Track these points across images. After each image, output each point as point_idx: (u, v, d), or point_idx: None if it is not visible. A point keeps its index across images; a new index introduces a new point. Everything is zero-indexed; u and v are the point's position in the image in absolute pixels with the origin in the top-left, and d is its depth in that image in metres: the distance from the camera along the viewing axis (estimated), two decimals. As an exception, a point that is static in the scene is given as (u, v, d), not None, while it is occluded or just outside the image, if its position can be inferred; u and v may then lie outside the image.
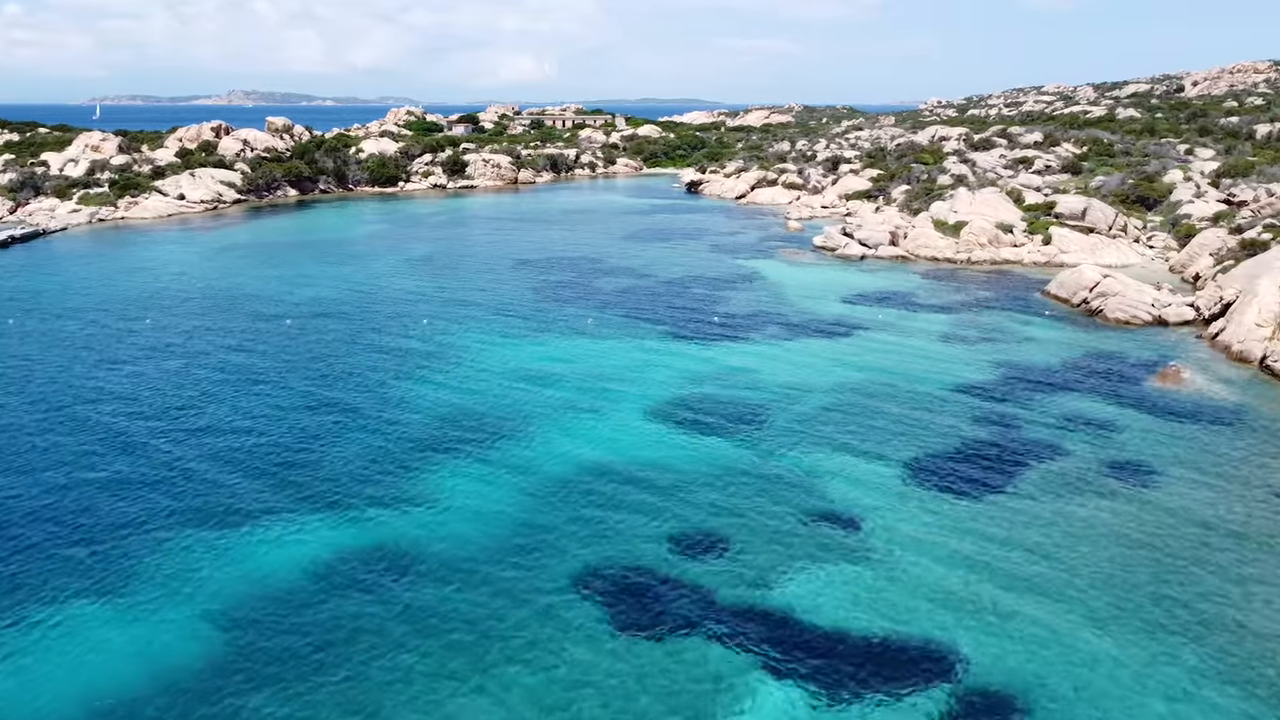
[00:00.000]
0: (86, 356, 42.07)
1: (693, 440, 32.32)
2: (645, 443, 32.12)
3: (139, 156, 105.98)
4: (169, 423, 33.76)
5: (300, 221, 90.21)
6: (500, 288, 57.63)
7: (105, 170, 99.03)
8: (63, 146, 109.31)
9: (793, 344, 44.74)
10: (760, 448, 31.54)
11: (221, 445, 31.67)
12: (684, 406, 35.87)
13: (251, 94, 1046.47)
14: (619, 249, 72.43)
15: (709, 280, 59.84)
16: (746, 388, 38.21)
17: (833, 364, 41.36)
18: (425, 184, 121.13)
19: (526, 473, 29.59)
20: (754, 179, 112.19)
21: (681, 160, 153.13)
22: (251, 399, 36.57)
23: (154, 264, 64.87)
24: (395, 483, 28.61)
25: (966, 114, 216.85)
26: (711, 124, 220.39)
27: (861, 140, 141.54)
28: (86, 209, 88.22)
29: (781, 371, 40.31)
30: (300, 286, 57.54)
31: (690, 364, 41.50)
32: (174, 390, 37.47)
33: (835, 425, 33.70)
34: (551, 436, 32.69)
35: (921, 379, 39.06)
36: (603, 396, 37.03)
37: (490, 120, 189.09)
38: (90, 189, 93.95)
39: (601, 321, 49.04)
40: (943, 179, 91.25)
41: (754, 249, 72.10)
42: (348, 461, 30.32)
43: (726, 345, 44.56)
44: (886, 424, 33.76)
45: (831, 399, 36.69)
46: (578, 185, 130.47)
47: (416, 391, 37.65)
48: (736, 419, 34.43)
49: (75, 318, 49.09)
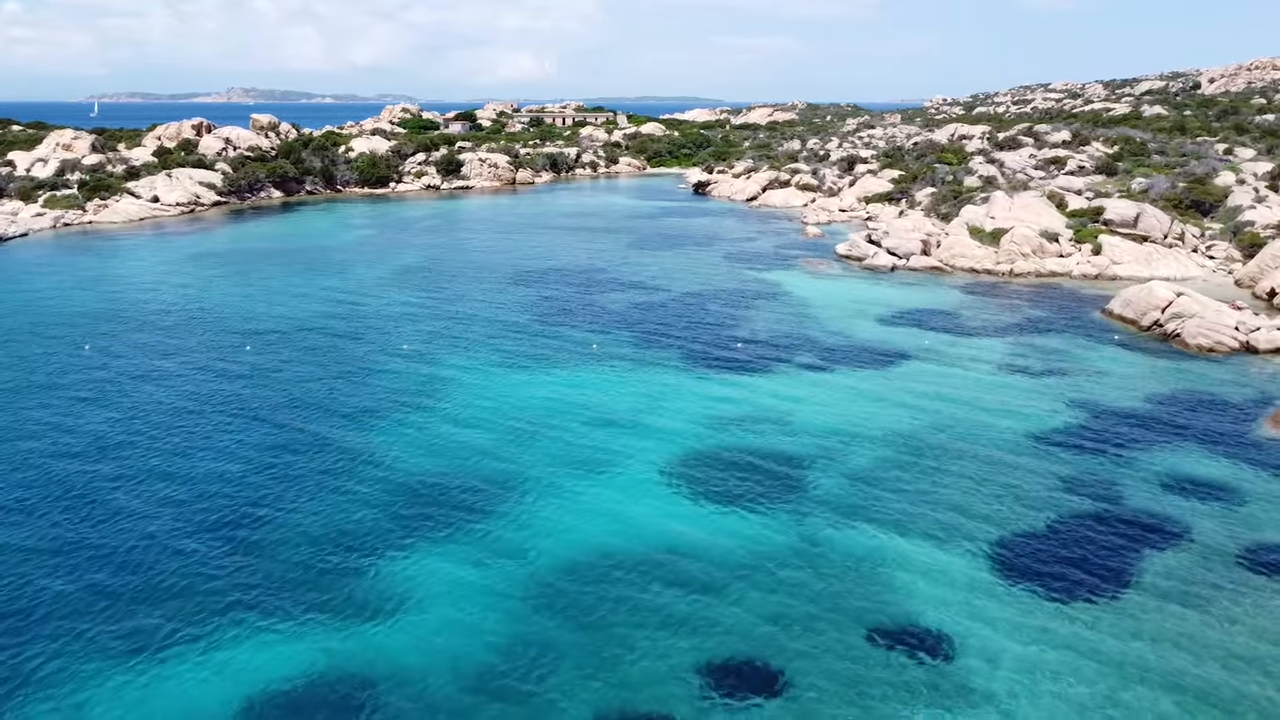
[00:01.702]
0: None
1: (720, 513, 26.23)
2: (663, 516, 26.01)
3: (113, 156, 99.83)
4: (71, 487, 27.66)
5: (280, 226, 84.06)
6: (493, 305, 51.50)
7: (76, 171, 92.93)
8: (33, 145, 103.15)
9: (828, 376, 38.62)
10: (806, 524, 25.45)
11: (135, 521, 25.56)
12: (707, 462, 29.78)
13: (251, 91, 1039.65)
14: (625, 258, 66.30)
15: (726, 295, 53.69)
16: (780, 434, 32.12)
17: (878, 403, 35.24)
18: (418, 185, 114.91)
19: (517, 560, 23.50)
20: (765, 180, 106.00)
21: (686, 159, 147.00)
22: (185, 452, 30.45)
23: (111, 276, 58.74)
24: (350, 580, 22.51)
25: (974, 111, 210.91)
26: (716, 121, 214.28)
27: (876, 139, 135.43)
28: (52, 212, 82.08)
29: (819, 413, 34.20)
30: (268, 303, 51.41)
31: (711, 402, 35.40)
32: (95, 439, 31.38)
33: (893, 490, 27.61)
34: (549, 507, 26.59)
35: (986, 425, 32.94)
36: (610, 448, 30.93)
37: (488, 118, 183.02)
38: (58, 191, 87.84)
39: (608, 346, 42.95)
40: (970, 181, 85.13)
41: (772, 258, 65.94)
42: (292, 546, 24.20)
43: (752, 377, 38.45)
44: (955, 489, 27.66)
45: (882, 452, 30.59)
46: (578, 186, 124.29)
47: (389, 441, 31.53)
48: (771, 480, 28.35)
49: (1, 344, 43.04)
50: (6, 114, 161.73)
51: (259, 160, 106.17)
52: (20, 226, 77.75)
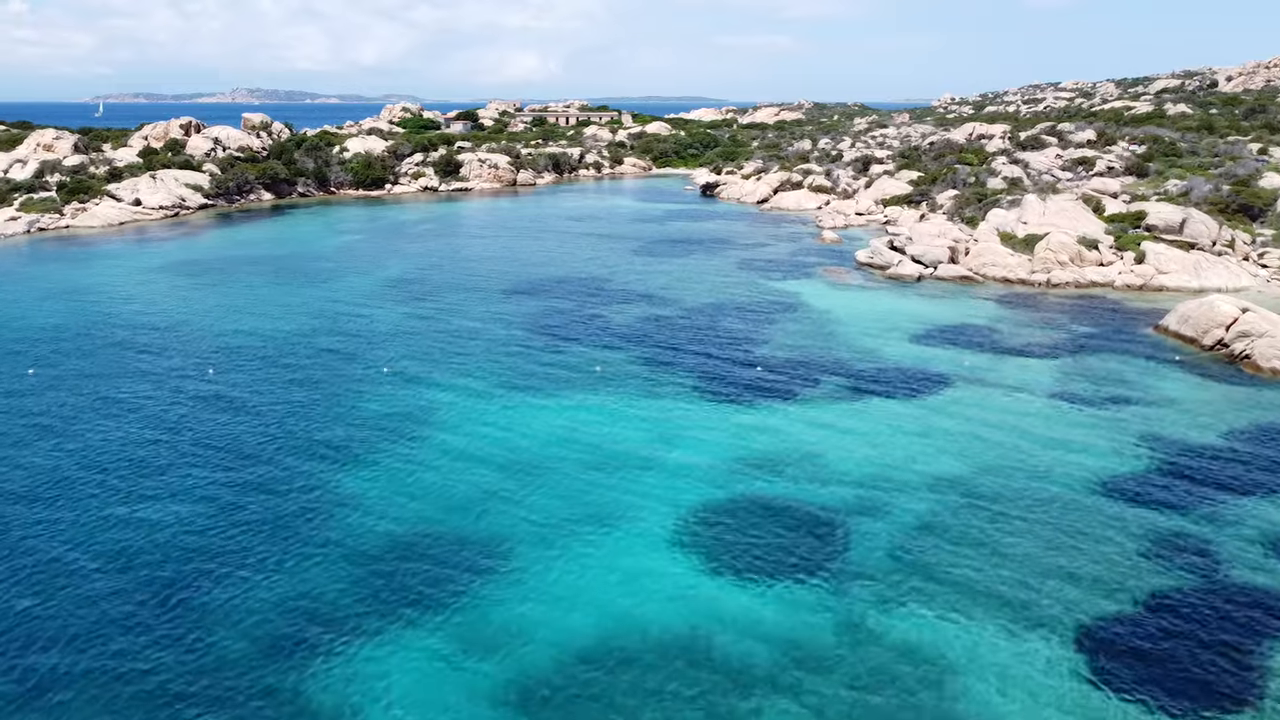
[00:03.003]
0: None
1: (743, 592, 21.89)
2: (674, 597, 21.68)
3: (96, 157, 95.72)
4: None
5: (266, 231, 79.84)
6: (487, 319, 47.19)
7: (56, 172, 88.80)
8: (14, 146, 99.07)
9: (860, 406, 34.25)
10: (846, 602, 21.12)
11: (66, 581, 21.25)
12: (726, 515, 25.46)
13: (256, 91, 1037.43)
14: (630, 266, 61.96)
15: (741, 309, 49.32)
16: (809, 479, 27.78)
17: (919, 442, 30.86)
18: (414, 186, 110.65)
19: (497, 658, 19.19)
20: (776, 181, 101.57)
21: (693, 160, 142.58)
22: (133, 497, 26.17)
23: (76, 287, 54.52)
24: (303, 677, 18.22)
25: (984, 111, 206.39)
26: (723, 121, 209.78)
27: (890, 139, 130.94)
28: (26, 216, 77.95)
29: (852, 452, 29.85)
30: (242, 318, 47.16)
31: (729, 437, 31.06)
32: (27, 480, 27.06)
33: (948, 556, 23.26)
34: (537, 582, 22.26)
35: (1045, 468, 28.56)
36: (616, 497, 26.62)
37: (490, 117, 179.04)
38: (35, 193, 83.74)
39: (614, 367, 38.63)
40: (994, 183, 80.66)
41: (788, 266, 61.54)
42: (241, 626, 19.91)
43: (774, 407, 34.09)
44: (1020, 555, 23.29)
45: (929, 503, 26.24)
46: (582, 187, 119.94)
47: (364, 485, 27.23)
48: (802, 541, 24.02)
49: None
50: (12, 115, 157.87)
51: (249, 161, 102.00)
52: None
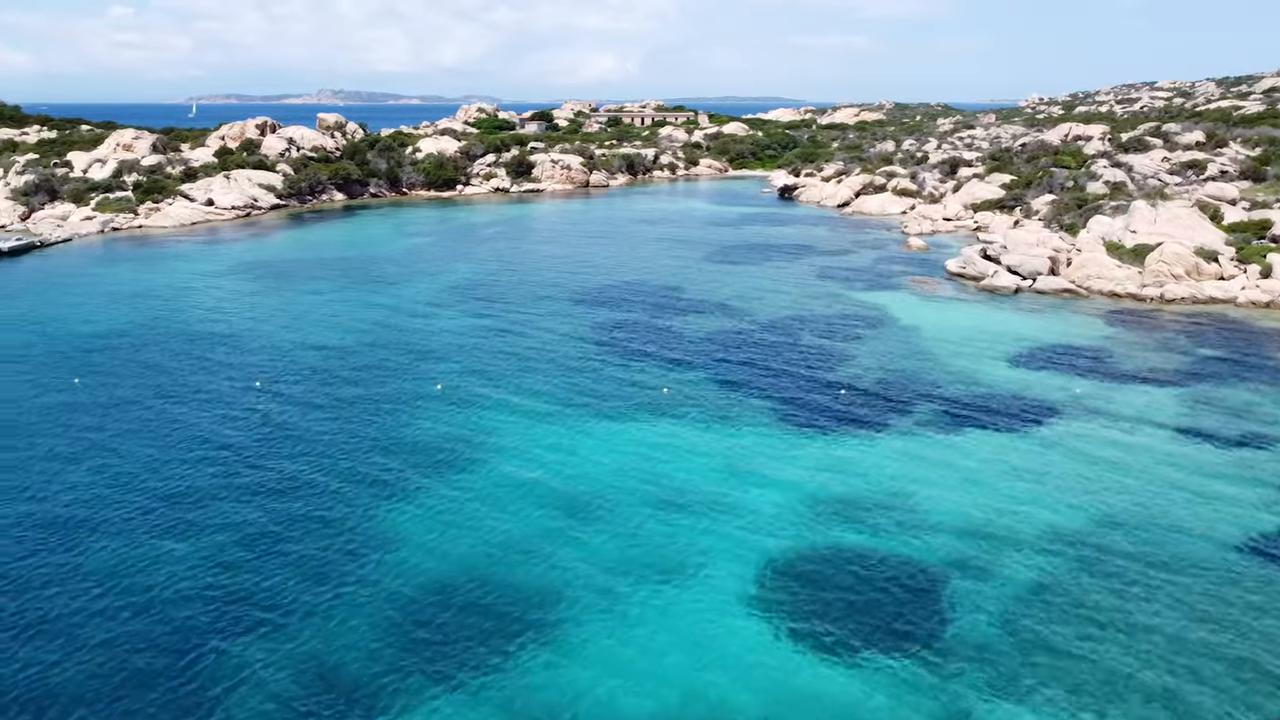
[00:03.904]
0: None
1: (827, 666, 18.70)
2: (747, 670, 18.59)
3: (173, 157, 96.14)
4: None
5: (335, 232, 78.71)
6: (550, 331, 44.58)
7: (133, 172, 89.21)
8: (96, 146, 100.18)
9: (956, 440, 30.61)
10: (953, 694, 17.76)
11: (77, 627, 19.08)
12: (805, 575, 22.24)
13: (339, 93, 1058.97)
14: (703, 274, 58.82)
15: (822, 323, 45.83)
16: (901, 530, 24.37)
17: (1026, 484, 27.17)
18: (486, 187, 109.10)
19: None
20: (858, 184, 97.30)
21: (771, 161, 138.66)
22: (159, 531, 24.03)
23: (138, 290, 53.54)
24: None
25: (1075, 111, 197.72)
26: (801, 121, 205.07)
27: (978, 140, 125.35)
28: (101, 216, 78.14)
29: (949, 497, 26.32)
30: (297, 326, 45.36)
31: (809, 476, 27.77)
32: (52, 509, 25.18)
33: (1071, 635, 19.69)
34: (592, 645, 19.38)
35: (1183, 524, 24.67)
36: (678, 547, 23.60)
37: (565, 118, 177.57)
38: (112, 193, 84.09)
39: (683, 389, 35.61)
40: (1094, 187, 75.48)
41: (873, 276, 57.72)
42: (260, 695, 17.44)
43: (858, 439, 30.68)
44: (1166, 637, 19.60)
45: (1043, 565, 22.64)
46: (656, 189, 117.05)
47: (398, 528, 24.68)
48: (895, 609, 20.69)
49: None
50: (115, 116, 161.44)
51: (322, 161, 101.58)
52: (66, 231, 73.84)
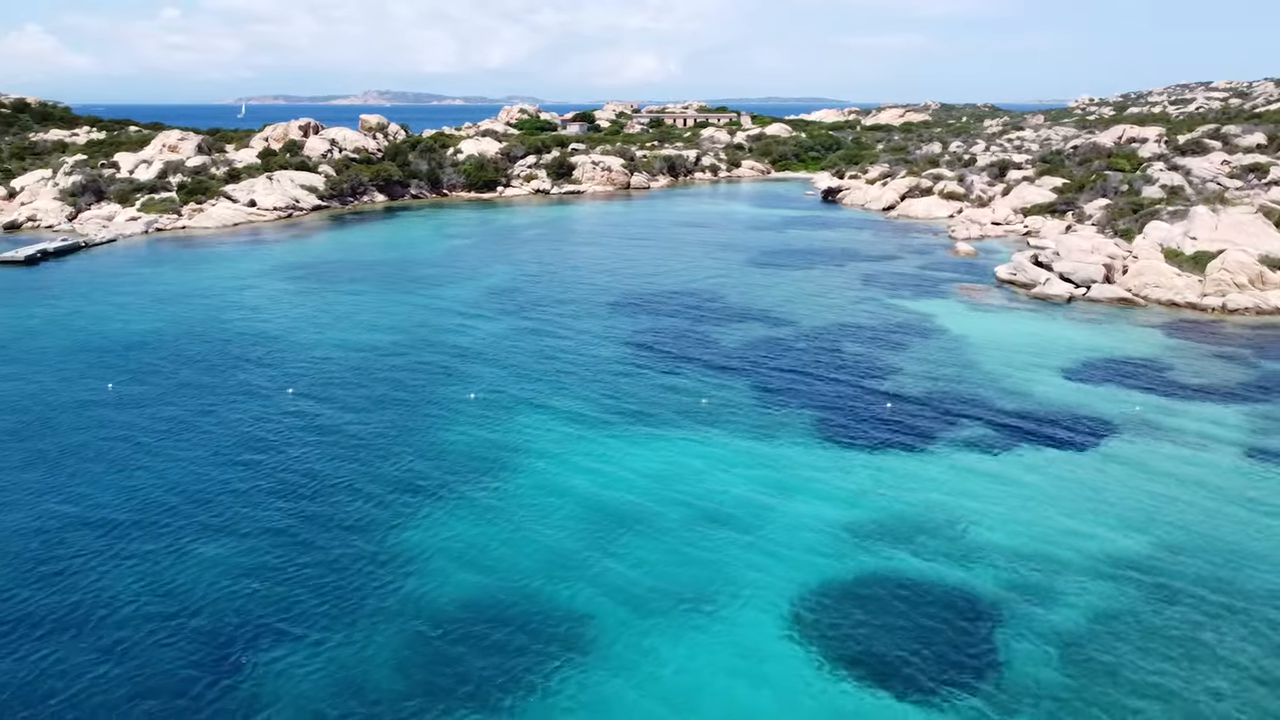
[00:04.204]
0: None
1: (875, 701, 17.55)
2: (789, 706, 17.49)
3: (218, 158, 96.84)
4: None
5: (375, 234, 78.57)
6: (587, 337, 43.69)
7: (178, 173, 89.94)
8: (142, 146, 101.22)
9: (1009, 458, 29.19)
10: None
11: (84, 663, 18.50)
12: (851, 602, 21.06)
13: (386, 94, 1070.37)
14: (744, 280, 57.60)
15: (867, 332, 44.44)
16: (951, 553, 23.09)
17: (1086, 507, 25.72)
18: (526, 189, 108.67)
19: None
20: (904, 187, 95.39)
21: (814, 163, 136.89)
22: (173, 550, 23.45)
23: (177, 292, 53.53)
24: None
25: (1127, 112, 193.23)
26: (845, 122, 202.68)
27: (1027, 141, 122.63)
28: (145, 216, 78.75)
29: (1002, 520, 24.96)
30: (334, 329, 44.91)
31: (854, 495, 26.54)
32: (59, 527, 24.73)
33: (1141, 672, 18.33)
34: (624, 675, 18.41)
35: (1258, 552, 23.12)
36: (716, 569, 22.53)
37: (607, 119, 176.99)
38: (157, 193, 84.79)
39: (722, 400, 34.50)
40: (1150, 191, 73.10)
41: (919, 282, 56.12)
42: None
43: (905, 457, 29.37)
44: (1247, 675, 18.16)
45: (1107, 593, 21.25)
46: (697, 191, 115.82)
47: (427, 542, 23.87)
48: (947, 641, 19.45)
49: (27, 371, 37.50)
50: (164, 117, 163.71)
51: (364, 163, 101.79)
52: (111, 231, 74.46)
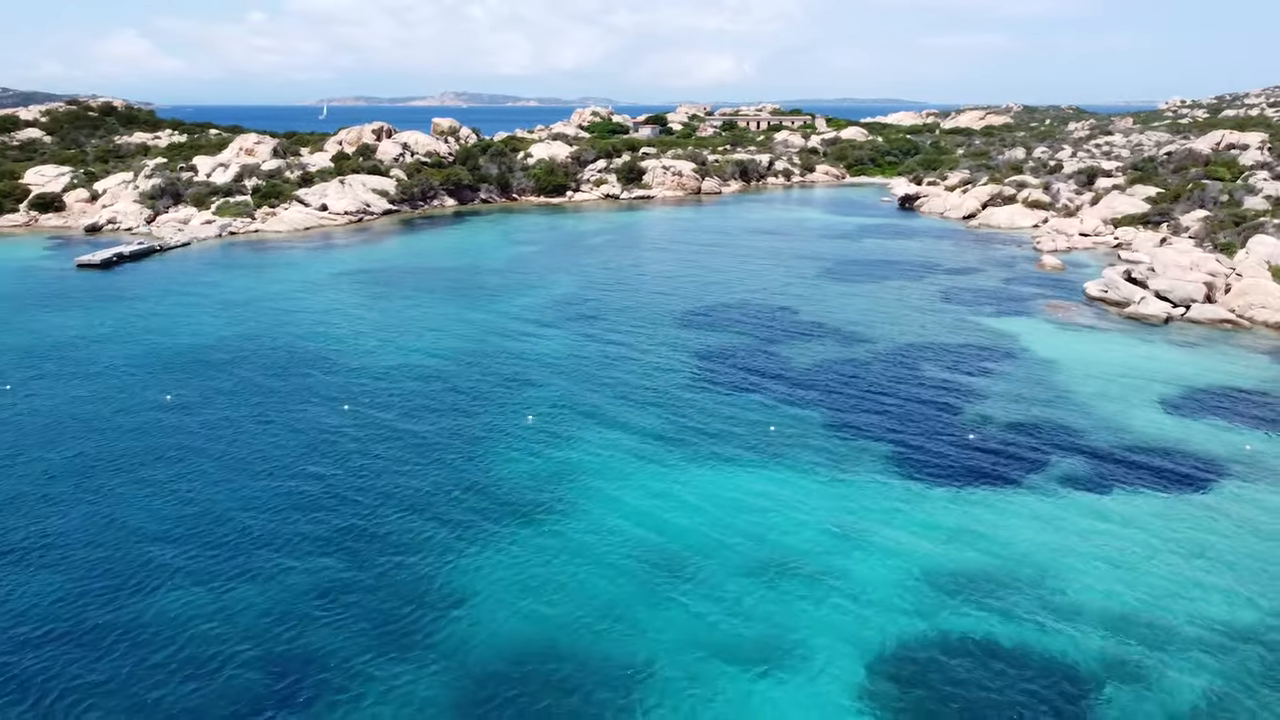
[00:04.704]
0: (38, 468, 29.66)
1: (964, 800, 15.64)
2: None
3: (292, 161, 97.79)
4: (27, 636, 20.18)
5: (443, 240, 78.21)
6: (651, 355, 42.18)
7: (253, 176, 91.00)
8: (220, 150, 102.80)
9: (1103, 503, 26.81)
10: None
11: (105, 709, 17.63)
12: (930, 669, 19.14)
13: (462, 95, 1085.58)
14: (817, 292, 55.48)
15: (946, 353, 42.09)
16: (1042, 615, 20.97)
17: (1192, 565, 23.29)
18: (596, 193, 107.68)
19: None
20: (985, 194, 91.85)
21: (891, 168, 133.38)
22: (212, 576, 22.56)
23: (246, 298, 53.50)
24: None
25: (1221, 115, 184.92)
26: (923, 126, 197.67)
27: (1116, 147, 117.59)
28: (220, 220, 79.64)
29: (1098, 577, 22.71)
30: (394, 340, 44.15)
31: (935, 542, 24.52)
32: (113, 545, 24.06)
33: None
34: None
35: (1397, 626, 20.53)
36: (778, 624, 20.79)
37: (679, 121, 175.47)
38: (232, 197, 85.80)
39: (790, 427, 32.66)
40: (1252, 201, 68.87)
41: (1003, 299, 53.35)
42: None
43: (990, 497, 27.21)
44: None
45: (1223, 670, 18.97)
46: (769, 197, 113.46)
47: (471, 584, 22.58)
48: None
49: (94, 379, 37.39)
50: (249, 117, 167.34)
51: (435, 166, 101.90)
52: (186, 235, 75.36)
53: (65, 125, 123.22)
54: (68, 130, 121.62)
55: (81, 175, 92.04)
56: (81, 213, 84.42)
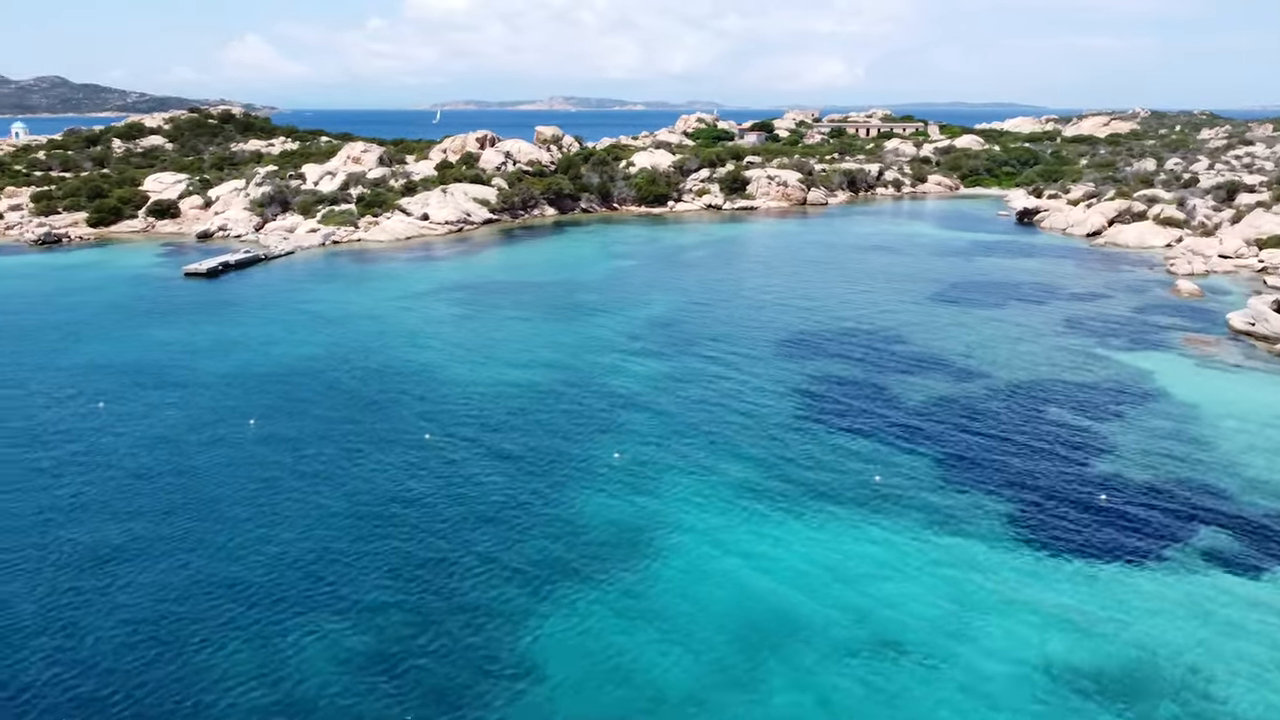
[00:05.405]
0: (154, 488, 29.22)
1: None
2: None
3: (397, 170, 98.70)
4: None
5: (540, 252, 77.33)
6: (749, 382, 39.91)
7: (359, 184, 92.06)
8: (329, 158, 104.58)
9: (1264, 589, 23.43)
10: None
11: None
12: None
13: (570, 99, 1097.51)
14: (928, 318, 52.21)
15: (1072, 393, 38.59)
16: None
17: (1381, 671, 19.90)
18: (698, 204, 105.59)
19: None
20: (1112, 210, 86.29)
21: (1008, 179, 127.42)
22: (275, 630, 21.38)
23: (340, 314, 53.29)
24: None
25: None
26: (1043, 133, 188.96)
27: (1259, 158, 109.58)
28: (324, 229, 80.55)
29: (1261, 678, 19.56)
30: (486, 364, 42.97)
31: (1060, 626, 21.67)
32: (178, 589, 23.18)
33: None
34: None
35: None
36: (885, 717, 18.40)
37: (786, 128, 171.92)
38: (338, 205, 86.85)
39: (897, 479, 29.99)
40: None
41: (1134, 329, 49.18)
42: None
43: (1125, 574, 24.11)
44: None
45: None
46: (878, 209, 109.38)
47: (541, 654, 20.81)
48: None
49: (187, 400, 37.21)
50: (366, 122, 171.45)
51: (537, 175, 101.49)
52: (290, 244, 76.37)
53: (186, 132, 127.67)
54: (188, 137, 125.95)
55: (197, 182, 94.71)
56: (195, 219, 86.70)
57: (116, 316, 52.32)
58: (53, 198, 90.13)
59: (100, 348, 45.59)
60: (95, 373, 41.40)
